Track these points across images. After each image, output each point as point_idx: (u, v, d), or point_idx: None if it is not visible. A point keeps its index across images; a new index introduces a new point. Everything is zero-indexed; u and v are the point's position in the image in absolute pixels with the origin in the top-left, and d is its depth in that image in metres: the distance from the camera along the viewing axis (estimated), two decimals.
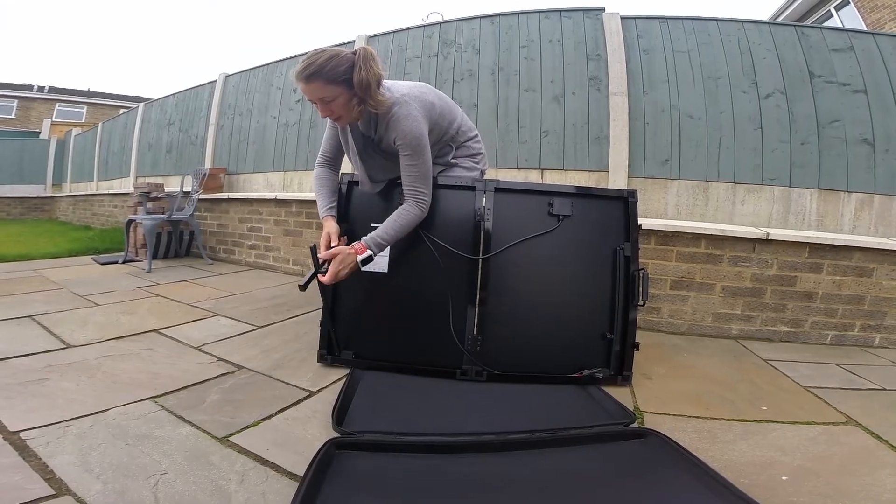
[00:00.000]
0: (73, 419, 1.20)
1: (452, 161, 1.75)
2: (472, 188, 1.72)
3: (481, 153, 1.84)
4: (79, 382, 1.43)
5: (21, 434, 1.11)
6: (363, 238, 1.51)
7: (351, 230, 1.71)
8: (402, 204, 1.56)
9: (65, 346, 1.76)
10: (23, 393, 1.34)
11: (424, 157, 1.50)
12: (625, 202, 1.72)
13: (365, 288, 1.71)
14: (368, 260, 1.51)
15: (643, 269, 1.67)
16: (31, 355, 1.64)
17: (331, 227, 1.61)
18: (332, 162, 1.74)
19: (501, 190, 1.73)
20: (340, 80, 1.36)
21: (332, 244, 1.56)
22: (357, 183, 1.75)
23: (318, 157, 1.75)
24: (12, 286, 2.74)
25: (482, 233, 1.68)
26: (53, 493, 0.91)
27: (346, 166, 1.78)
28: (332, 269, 1.47)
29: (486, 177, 1.82)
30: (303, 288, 1.51)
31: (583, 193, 1.75)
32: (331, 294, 1.70)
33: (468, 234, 1.69)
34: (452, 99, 1.78)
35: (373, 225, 1.57)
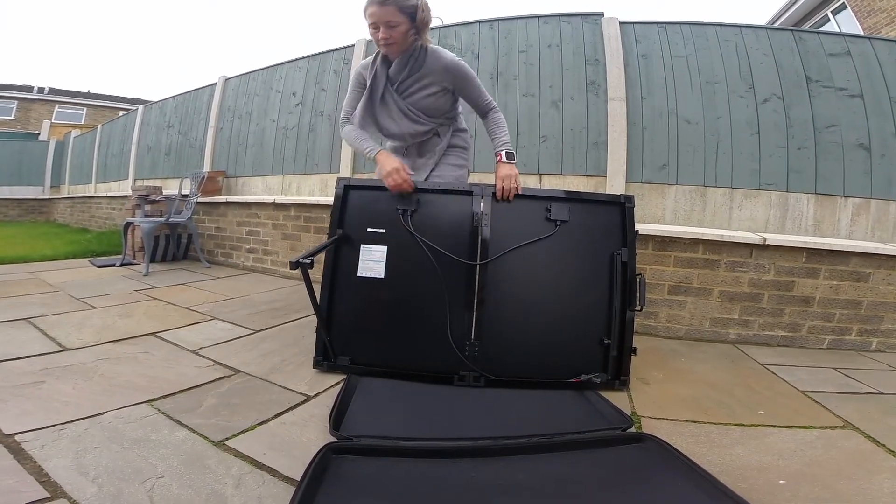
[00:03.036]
0: (68, 422, 1.19)
1: (448, 145, 1.86)
2: (469, 192, 1.72)
3: (468, 149, 1.97)
4: (75, 385, 1.43)
5: (16, 437, 1.10)
6: (501, 150, 1.73)
7: (347, 235, 1.72)
8: (488, 115, 1.79)
9: (61, 349, 1.75)
10: (18, 396, 1.33)
11: (474, 76, 1.75)
12: (622, 207, 1.73)
13: (362, 293, 1.70)
14: (510, 155, 1.72)
15: (640, 274, 1.67)
16: (27, 358, 1.63)
17: (394, 158, 1.69)
18: (352, 119, 1.82)
19: None
20: (407, 12, 1.55)
21: (405, 177, 1.66)
22: (354, 187, 1.77)
23: (341, 118, 1.83)
24: (8, 288, 2.73)
25: (479, 238, 1.67)
26: (48, 496, 0.90)
27: (345, 169, 1.78)
28: (508, 185, 1.67)
29: (483, 182, 1.83)
30: (294, 266, 1.41)
31: (580, 198, 1.76)
32: (326, 300, 1.69)
33: (465, 239, 1.69)
34: None
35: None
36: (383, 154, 1.69)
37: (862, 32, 6.64)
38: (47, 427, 1.16)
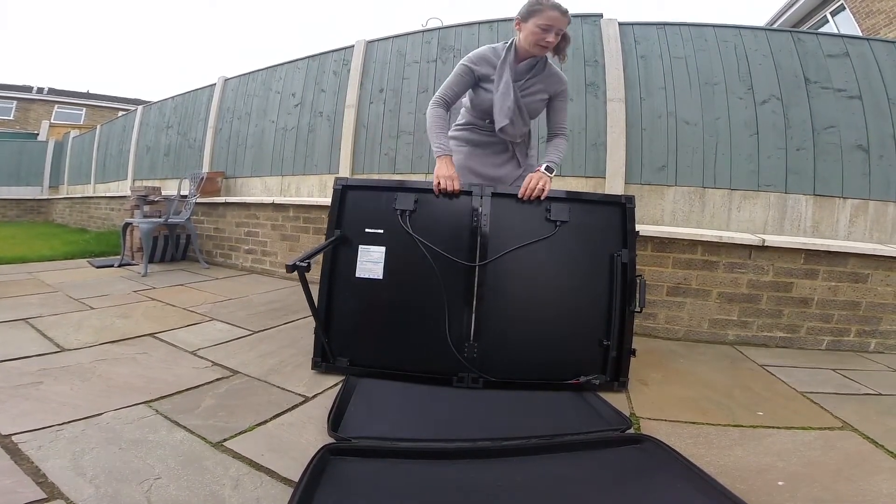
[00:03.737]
0: (66, 423, 1.19)
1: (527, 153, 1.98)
2: (469, 193, 1.72)
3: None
4: (72, 386, 1.42)
5: (13, 438, 1.10)
6: (545, 163, 1.78)
7: (345, 235, 1.72)
8: (556, 138, 1.88)
9: (59, 350, 1.75)
10: (15, 396, 1.33)
11: None
12: (622, 208, 1.71)
13: (360, 295, 1.70)
14: (550, 169, 1.78)
15: (640, 275, 1.67)
16: (25, 358, 1.63)
17: (452, 168, 1.73)
18: (448, 105, 1.83)
19: (498, 195, 1.72)
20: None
21: (455, 186, 1.70)
22: (351, 188, 1.77)
23: (434, 98, 1.81)
24: (6, 288, 2.73)
25: (479, 239, 1.67)
26: (45, 496, 0.90)
27: (344, 170, 1.78)
28: (533, 185, 1.70)
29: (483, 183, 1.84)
30: (290, 269, 1.37)
31: (580, 199, 1.76)
32: (325, 301, 1.69)
33: (465, 239, 1.69)
34: None
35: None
36: (447, 160, 1.73)
37: (861, 34, 6.65)
38: (45, 428, 1.15)
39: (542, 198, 1.71)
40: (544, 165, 1.78)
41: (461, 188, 1.71)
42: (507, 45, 1.77)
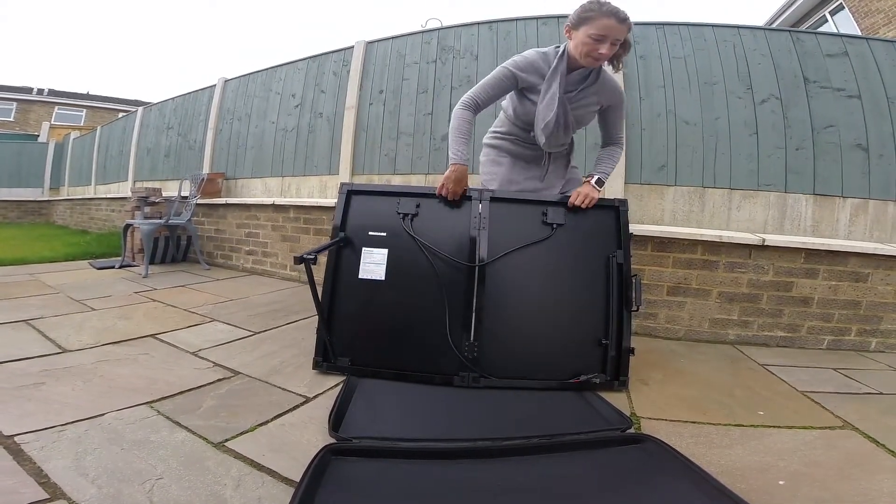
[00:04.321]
0: (68, 424, 1.19)
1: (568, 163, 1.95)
2: (469, 197, 1.76)
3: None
4: (74, 387, 1.43)
5: (16, 438, 1.10)
6: (596, 174, 1.77)
7: (349, 238, 1.76)
8: (610, 147, 1.85)
9: (60, 351, 1.75)
10: (18, 397, 1.33)
11: None
12: (616, 211, 1.77)
13: (362, 295, 1.72)
14: (600, 182, 1.77)
15: (636, 275, 1.69)
16: (27, 359, 1.63)
17: (464, 181, 1.72)
18: (478, 109, 1.73)
19: (497, 199, 1.77)
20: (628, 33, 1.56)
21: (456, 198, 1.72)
22: (356, 192, 1.81)
23: (465, 99, 1.71)
24: (8, 290, 2.73)
25: (478, 241, 1.70)
26: (48, 497, 0.90)
27: (344, 171, 1.80)
28: (583, 196, 1.71)
29: (482, 186, 1.85)
30: (298, 261, 1.45)
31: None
32: (327, 302, 1.71)
33: (464, 242, 1.72)
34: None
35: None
36: (460, 170, 1.68)
37: (860, 33, 6.66)
38: (47, 428, 1.16)
39: (589, 206, 1.72)
40: (595, 178, 1.76)
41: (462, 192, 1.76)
42: (559, 52, 1.63)
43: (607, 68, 1.70)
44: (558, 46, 1.66)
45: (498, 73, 1.68)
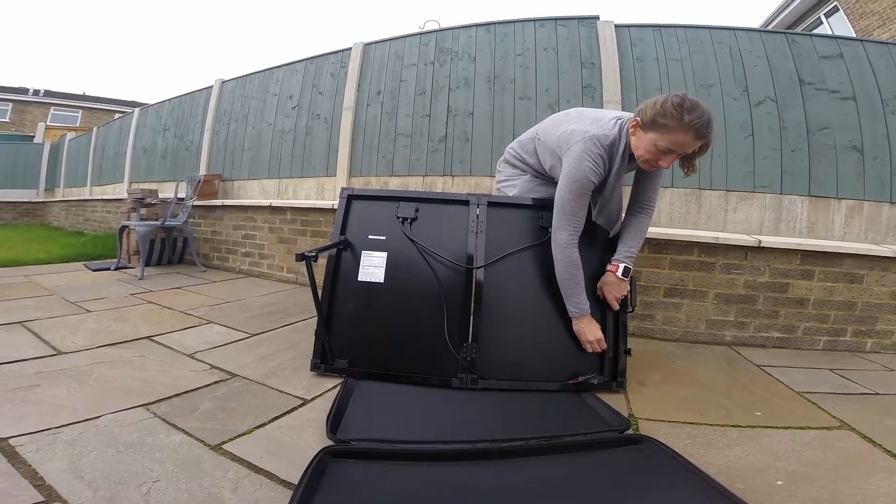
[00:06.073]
0: (63, 426, 1.18)
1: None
2: (466, 202, 1.79)
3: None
4: (70, 389, 1.42)
5: (10, 441, 1.09)
6: (622, 262, 1.63)
7: (349, 241, 1.79)
8: (640, 216, 1.69)
9: (56, 353, 1.74)
10: (12, 399, 1.32)
11: None
12: None
13: (361, 298, 1.73)
14: (627, 271, 1.63)
15: (632, 277, 1.70)
16: (21, 361, 1.62)
17: (598, 328, 1.62)
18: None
19: (494, 204, 1.80)
20: None
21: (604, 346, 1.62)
22: (356, 197, 1.85)
23: (570, 234, 1.56)
24: (2, 291, 2.71)
25: (476, 244, 1.72)
26: (43, 499, 0.90)
27: (341, 173, 1.80)
28: (613, 296, 1.63)
29: (478, 190, 1.87)
30: (299, 258, 1.47)
31: None
32: (326, 303, 1.71)
33: (463, 245, 1.74)
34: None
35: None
36: (590, 320, 1.61)
37: (854, 35, 6.71)
38: (42, 431, 1.15)
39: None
40: (622, 268, 1.61)
41: (460, 198, 1.81)
42: (622, 149, 1.49)
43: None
44: (621, 126, 1.49)
45: (580, 189, 1.49)
